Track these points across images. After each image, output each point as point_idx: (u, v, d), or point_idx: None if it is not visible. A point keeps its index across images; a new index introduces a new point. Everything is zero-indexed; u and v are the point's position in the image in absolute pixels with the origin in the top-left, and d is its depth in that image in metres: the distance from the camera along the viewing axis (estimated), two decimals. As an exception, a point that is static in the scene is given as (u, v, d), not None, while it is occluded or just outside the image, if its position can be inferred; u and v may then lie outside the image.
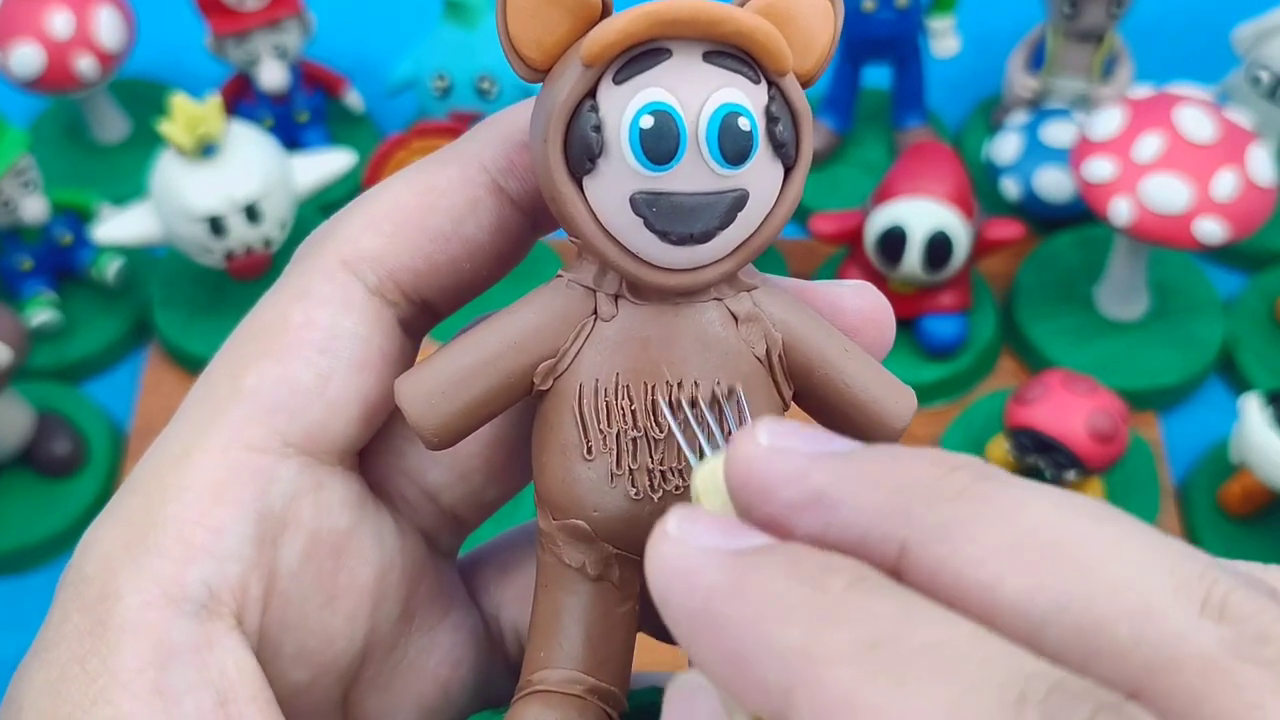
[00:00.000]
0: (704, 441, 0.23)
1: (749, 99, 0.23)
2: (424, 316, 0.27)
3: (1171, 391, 0.76)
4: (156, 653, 0.23)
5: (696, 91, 0.22)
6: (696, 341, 0.24)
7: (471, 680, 0.29)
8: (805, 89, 0.24)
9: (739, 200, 0.23)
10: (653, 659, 0.29)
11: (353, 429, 0.25)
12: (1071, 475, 0.67)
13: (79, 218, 0.78)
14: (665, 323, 0.24)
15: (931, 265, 0.71)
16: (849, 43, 0.80)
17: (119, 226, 0.72)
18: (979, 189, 0.79)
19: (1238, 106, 0.75)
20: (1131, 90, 0.74)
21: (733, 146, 0.22)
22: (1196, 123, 0.68)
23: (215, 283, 0.77)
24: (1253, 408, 0.64)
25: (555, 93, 0.23)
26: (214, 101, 0.69)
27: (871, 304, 0.26)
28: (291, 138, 0.82)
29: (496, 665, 0.30)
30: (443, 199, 0.25)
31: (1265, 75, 0.78)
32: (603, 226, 0.23)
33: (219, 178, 0.69)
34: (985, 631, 0.17)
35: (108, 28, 0.78)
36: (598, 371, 0.24)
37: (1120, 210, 0.68)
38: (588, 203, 0.23)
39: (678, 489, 0.24)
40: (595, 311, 0.24)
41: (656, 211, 0.23)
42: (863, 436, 0.26)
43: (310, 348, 0.25)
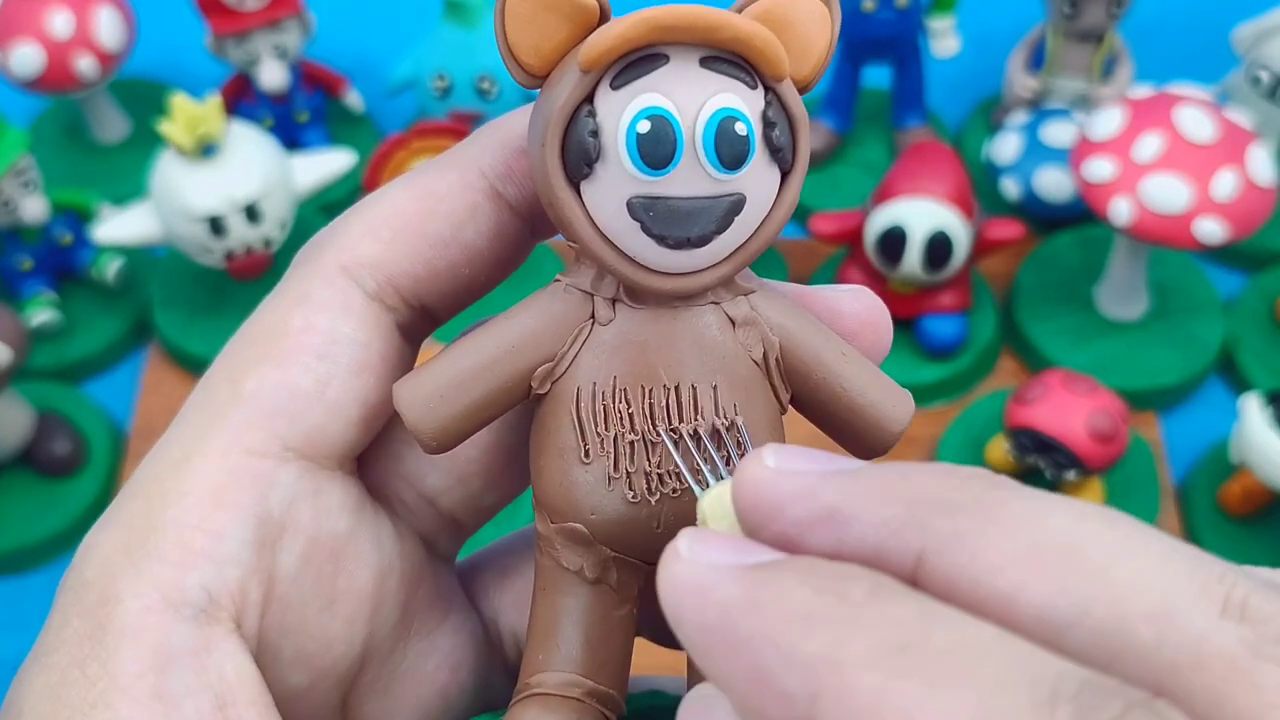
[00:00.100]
0: (707, 472, 0.23)
1: (746, 104, 0.23)
2: (423, 321, 0.27)
3: (1171, 391, 0.76)
4: (156, 657, 0.23)
5: (693, 96, 0.22)
6: (694, 345, 0.24)
7: (470, 684, 0.29)
8: (803, 95, 0.24)
9: (736, 204, 0.23)
10: (651, 662, 0.29)
11: (352, 433, 0.25)
12: (1071, 475, 0.67)
13: (79, 218, 0.78)
14: (662, 327, 0.24)
15: (931, 265, 0.71)
16: (849, 43, 0.80)
17: (119, 226, 0.72)
18: (979, 189, 0.79)
19: (1238, 106, 0.75)
20: (1131, 90, 0.74)
21: (729, 151, 0.22)
22: (1196, 123, 0.68)
23: (215, 283, 0.77)
24: (1253, 408, 0.64)
25: (553, 98, 0.23)
26: (214, 101, 0.69)
27: (869, 308, 0.26)
28: (291, 138, 0.82)
29: (495, 669, 0.30)
30: (442, 205, 0.25)
31: (1265, 75, 0.78)
32: (600, 231, 0.23)
33: (219, 178, 0.69)
34: (1009, 634, 0.17)
35: (108, 28, 0.78)
36: (595, 375, 0.24)
37: (1120, 210, 0.68)
38: (585, 207, 0.23)
39: (675, 492, 0.24)
40: (593, 315, 0.24)
41: (653, 216, 0.23)
42: (860, 440, 0.26)
43: (309, 353, 0.25)
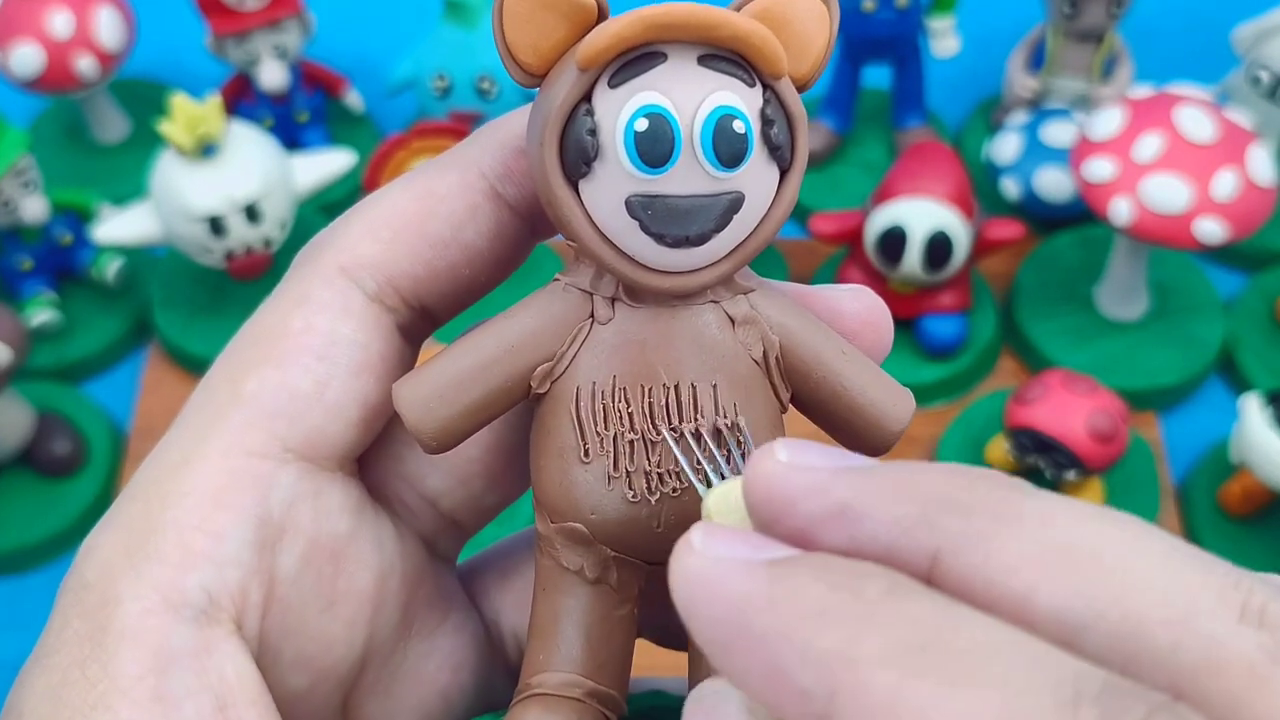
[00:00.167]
0: (710, 471, 0.23)
1: (744, 102, 0.23)
2: (423, 322, 0.27)
3: (1171, 391, 0.76)
4: (156, 658, 0.23)
5: (691, 94, 0.22)
6: (693, 344, 0.24)
7: (472, 685, 0.29)
8: (802, 93, 0.24)
9: (734, 203, 0.23)
10: (652, 662, 0.29)
11: (352, 434, 0.25)
12: (1071, 475, 0.67)
13: (79, 218, 0.78)
14: (662, 325, 0.24)
15: (931, 265, 0.71)
16: (849, 42, 0.80)
17: (119, 226, 0.72)
18: (979, 189, 0.79)
19: (1238, 106, 0.75)
20: (1131, 90, 0.74)
21: (727, 149, 0.22)
22: (1196, 123, 0.68)
23: (215, 283, 0.77)
24: (1253, 408, 0.64)
25: (551, 97, 0.23)
26: (214, 101, 0.69)
27: (869, 307, 0.26)
28: (291, 138, 0.82)
29: (497, 670, 0.30)
30: (441, 205, 0.25)
31: (1265, 75, 0.78)
32: (598, 230, 0.23)
33: (219, 178, 0.69)
34: (1028, 634, 0.17)
35: (108, 28, 0.78)
36: (594, 374, 0.24)
37: (1120, 210, 0.68)
38: (584, 206, 0.23)
39: (675, 491, 0.24)
40: (592, 315, 0.24)
41: (652, 214, 0.23)
42: (861, 439, 0.26)
43: (309, 354, 0.25)
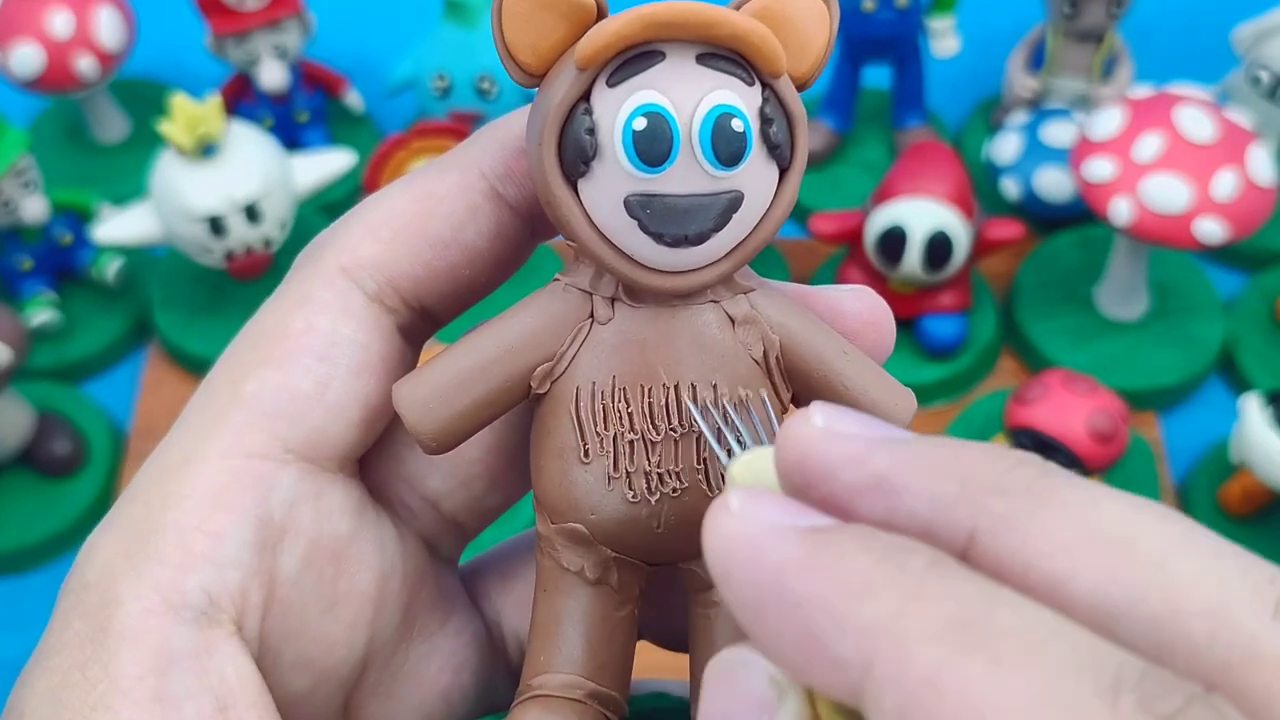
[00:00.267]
0: (732, 440, 0.23)
1: (743, 101, 0.23)
2: (423, 323, 0.27)
3: (1171, 391, 0.76)
4: (156, 659, 0.23)
5: (690, 93, 0.22)
6: (693, 344, 0.24)
7: (473, 686, 0.29)
8: (801, 92, 0.24)
9: (733, 202, 0.23)
10: (653, 663, 0.29)
11: (352, 435, 0.25)
12: (1071, 475, 0.67)
13: (79, 218, 0.78)
14: (662, 325, 0.24)
15: (931, 265, 0.71)
16: (849, 42, 0.80)
17: (119, 226, 0.72)
18: (979, 189, 0.79)
19: (1238, 106, 0.75)
20: (1131, 90, 0.74)
21: (726, 148, 0.22)
22: (1196, 123, 0.68)
23: (215, 283, 0.77)
24: (1253, 408, 0.64)
25: (550, 96, 0.23)
26: (214, 101, 0.69)
27: (871, 307, 0.26)
28: (291, 138, 0.82)
29: (498, 671, 0.29)
30: (442, 206, 0.25)
31: (1265, 75, 0.78)
32: (598, 229, 0.23)
33: (219, 178, 0.69)
34: (1068, 619, 0.17)
35: (108, 28, 0.78)
36: (594, 375, 0.24)
37: (1120, 210, 0.68)
38: (583, 206, 0.23)
39: (675, 491, 0.24)
40: (592, 315, 0.24)
41: (651, 213, 0.22)
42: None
43: (310, 354, 0.25)
